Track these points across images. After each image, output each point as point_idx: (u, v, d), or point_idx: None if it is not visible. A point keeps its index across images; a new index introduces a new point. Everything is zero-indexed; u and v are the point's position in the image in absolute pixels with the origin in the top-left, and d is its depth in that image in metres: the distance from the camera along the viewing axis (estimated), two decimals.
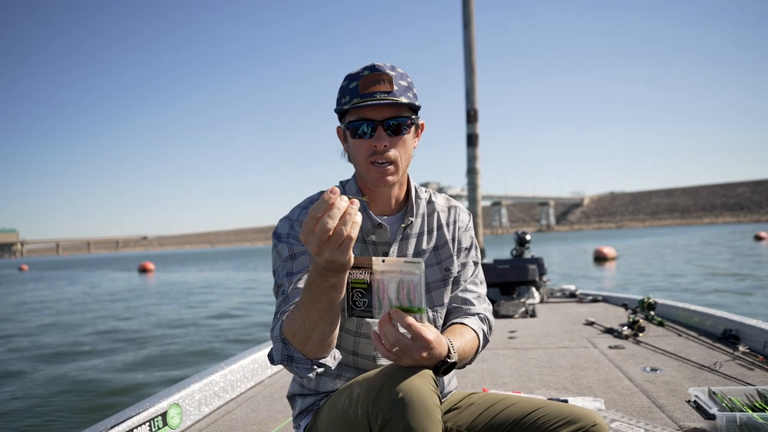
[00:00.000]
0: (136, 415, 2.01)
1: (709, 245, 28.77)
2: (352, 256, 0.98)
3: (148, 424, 2.04)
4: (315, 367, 1.10)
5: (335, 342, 1.12)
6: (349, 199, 0.96)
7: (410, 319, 1.04)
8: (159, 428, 2.10)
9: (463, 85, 8.34)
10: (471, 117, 8.22)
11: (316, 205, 0.94)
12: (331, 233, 0.93)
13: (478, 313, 1.38)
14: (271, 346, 1.15)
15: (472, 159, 8.31)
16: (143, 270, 35.93)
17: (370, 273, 1.06)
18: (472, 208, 8.53)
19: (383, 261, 1.05)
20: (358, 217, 0.96)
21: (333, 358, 1.16)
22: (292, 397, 1.43)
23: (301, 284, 1.20)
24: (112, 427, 1.89)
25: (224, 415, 2.45)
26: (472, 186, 8.41)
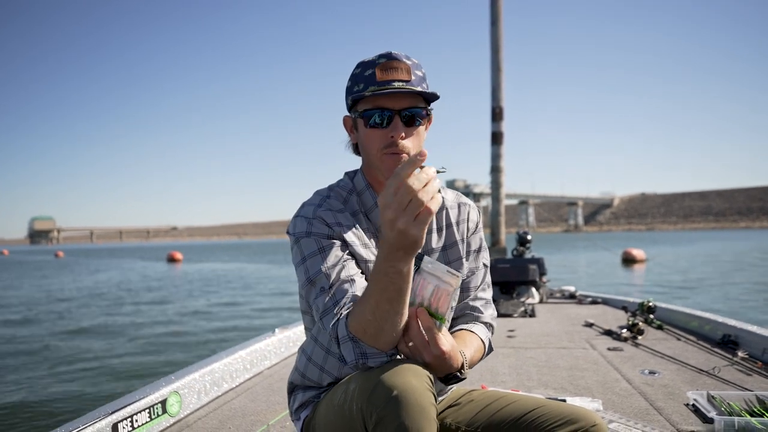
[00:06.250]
0: (136, 401, 2.02)
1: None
2: (424, 237, 0.95)
3: (147, 411, 2.05)
4: (388, 357, 1.10)
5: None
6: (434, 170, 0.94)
7: (431, 324, 1.07)
8: (158, 415, 2.11)
9: (489, 82, 8.34)
10: (496, 115, 8.22)
11: (401, 166, 0.92)
12: (412, 198, 0.90)
13: (485, 322, 1.38)
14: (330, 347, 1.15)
15: (496, 157, 8.32)
16: (172, 260, 36.84)
17: (417, 268, 1.08)
18: (496, 206, 8.54)
19: (431, 264, 1.07)
20: (438, 197, 0.94)
21: None
22: (292, 389, 1.42)
23: (344, 275, 1.16)
24: (112, 412, 1.89)
25: (223, 404, 2.46)
26: (496, 184, 8.41)
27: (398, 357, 1.11)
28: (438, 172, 0.96)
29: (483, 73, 8.79)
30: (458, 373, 1.15)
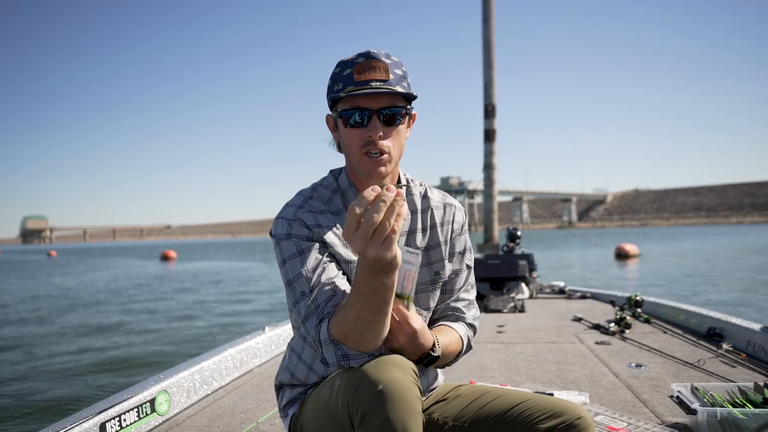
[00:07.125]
0: (125, 400, 2.01)
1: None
2: (398, 252, 0.95)
3: (136, 410, 2.05)
4: (371, 357, 1.11)
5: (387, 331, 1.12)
6: (396, 188, 0.94)
7: (400, 305, 1.08)
8: (147, 414, 2.11)
9: (482, 79, 8.36)
10: (489, 112, 8.24)
11: (356, 201, 0.93)
12: (376, 227, 0.90)
13: (467, 323, 1.38)
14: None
15: (488, 154, 8.35)
16: (165, 258, 36.69)
17: None
18: (488, 203, 8.58)
19: None
20: (405, 208, 0.94)
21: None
22: (279, 387, 1.42)
23: (324, 278, 1.17)
24: (100, 412, 1.89)
25: (212, 402, 2.46)
26: (489, 181, 8.45)
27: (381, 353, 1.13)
28: (399, 187, 0.97)
29: (475, 69, 8.83)
30: (431, 352, 1.18)
